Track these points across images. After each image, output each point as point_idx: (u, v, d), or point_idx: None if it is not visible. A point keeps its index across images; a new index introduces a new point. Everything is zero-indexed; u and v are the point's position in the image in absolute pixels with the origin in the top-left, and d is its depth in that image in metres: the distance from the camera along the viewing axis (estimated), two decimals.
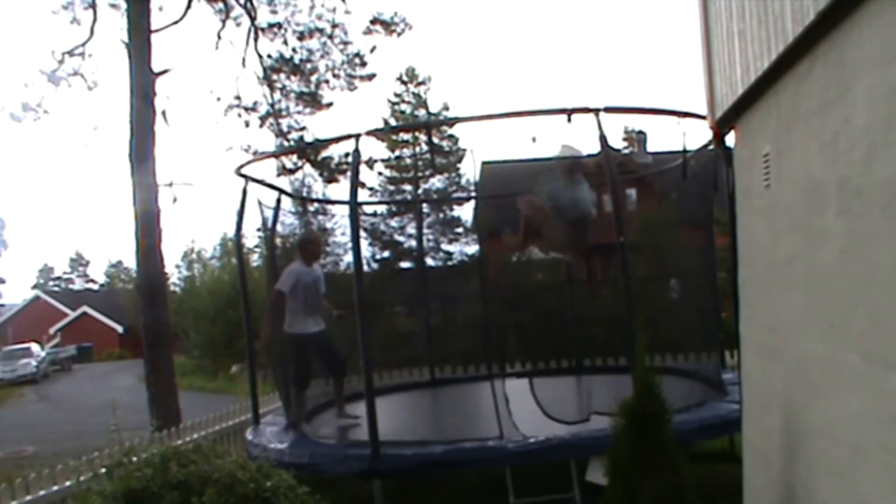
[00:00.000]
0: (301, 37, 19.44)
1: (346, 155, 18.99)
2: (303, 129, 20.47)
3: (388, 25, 19.73)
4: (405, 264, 30.13)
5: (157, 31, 15.39)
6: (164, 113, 15.69)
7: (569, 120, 7.30)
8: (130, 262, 63.49)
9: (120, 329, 56.66)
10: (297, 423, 8.80)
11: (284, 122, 20.05)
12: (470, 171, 37.40)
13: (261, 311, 10.50)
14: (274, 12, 19.20)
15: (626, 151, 41.55)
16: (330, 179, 21.94)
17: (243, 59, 18.52)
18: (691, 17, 6.00)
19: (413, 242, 24.65)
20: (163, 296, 15.15)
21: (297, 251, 9.32)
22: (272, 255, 10.79)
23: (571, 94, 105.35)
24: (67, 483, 7.00)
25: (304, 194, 21.81)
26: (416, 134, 33.82)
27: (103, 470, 5.67)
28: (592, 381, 9.57)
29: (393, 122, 35.33)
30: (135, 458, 5.44)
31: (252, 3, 18.49)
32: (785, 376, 4.43)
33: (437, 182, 35.15)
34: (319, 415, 9.67)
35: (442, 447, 7.25)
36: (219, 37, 18.06)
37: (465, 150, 34.09)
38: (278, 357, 9.94)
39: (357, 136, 7.72)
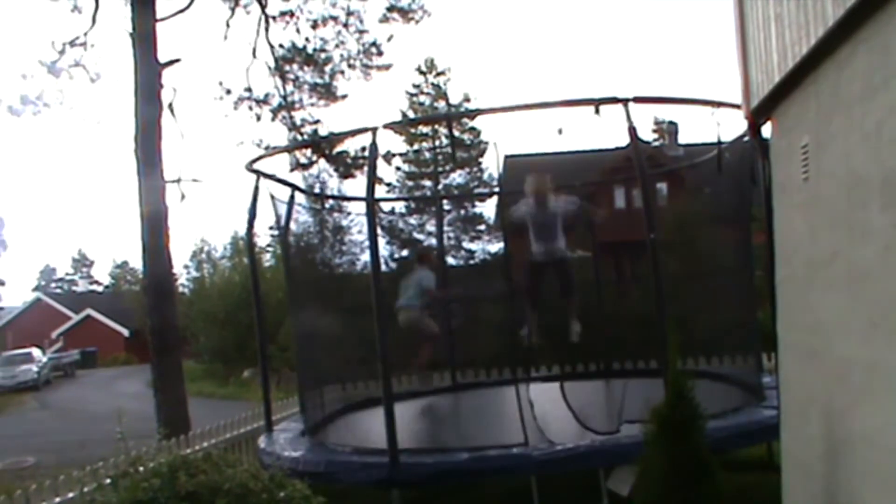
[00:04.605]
0: (314, 25, 19.41)
1: (363, 149, 18.98)
2: (317, 122, 20.46)
3: (405, 13, 19.69)
4: None
5: (162, 19, 15.44)
6: (170, 106, 15.78)
7: (596, 111, 7.29)
8: (137, 263, 63.90)
9: (126, 332, 56.70)
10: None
11: (297, 115, 20.03)
12: (493, 165, 37.34)
13: (274, 313, 10.61)
14: None
15: (657, 143, 41.47)
16: (346, 175, 21.87)
17: (254, 49, 18.49)
18: (725, 1, 5.98)
19: (433, 240, 24.59)
20: (171, 297, 15.21)
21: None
22: (286, 255, 10.83)
23: (599, 83, 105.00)
24: (70, 494, 7.04)
25: (319, 190, 21.87)
26: (436, 127, 33.81)
27: (108, 480, 5.70)
28: (622, 386, 9.54)
29: (411, 115, 35.27)
30: (141, 468, 5.47)
31: None
32: (826, 380, 4.41)
33: (457, 177, 35.18)
34: (335, 422, 9.71)
35: (464, 455, 7.26)
36: (228, 25, 18.07)
37: (487, 143, 34.14)
38: (303, 355, 10.10)
39: (374, 130, 7.75)
